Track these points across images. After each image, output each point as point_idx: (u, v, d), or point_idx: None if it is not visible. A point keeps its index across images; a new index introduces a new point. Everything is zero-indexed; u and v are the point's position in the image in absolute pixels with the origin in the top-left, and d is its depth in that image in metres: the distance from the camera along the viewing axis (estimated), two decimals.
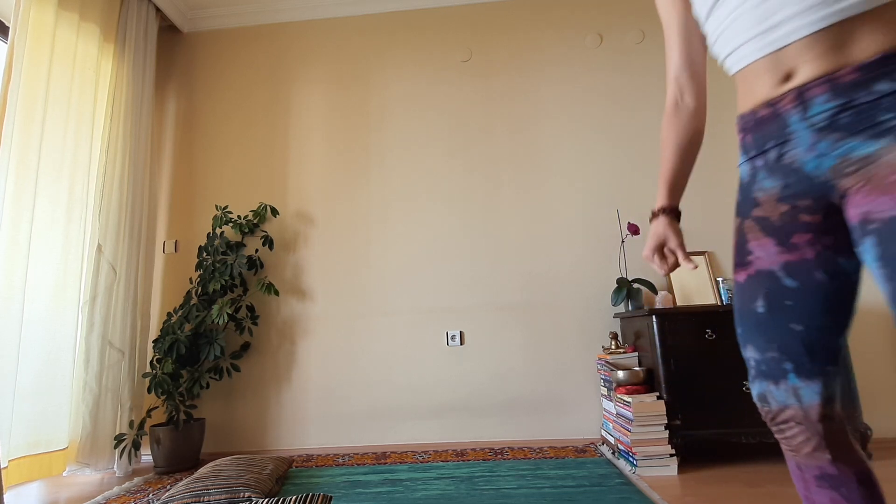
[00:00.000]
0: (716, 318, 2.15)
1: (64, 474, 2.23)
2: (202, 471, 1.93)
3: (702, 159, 2.79)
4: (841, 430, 0.80)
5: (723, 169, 2.77)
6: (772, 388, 0.83)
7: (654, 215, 1.06)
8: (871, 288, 2.40)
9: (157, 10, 2.97)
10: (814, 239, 0.80)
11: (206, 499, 1.69)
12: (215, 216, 2.77)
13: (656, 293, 2.57)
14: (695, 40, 0.98)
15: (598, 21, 3.02)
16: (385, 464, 2.28)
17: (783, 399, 0.81)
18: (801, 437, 0.81)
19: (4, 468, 1.95)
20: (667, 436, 1.98)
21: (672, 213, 1.05)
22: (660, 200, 1.06)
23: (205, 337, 2.57)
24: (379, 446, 2.62)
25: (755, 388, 0.86)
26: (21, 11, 2.12)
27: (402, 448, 2.57)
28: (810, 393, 0.79)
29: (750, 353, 0.86)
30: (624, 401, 2.09)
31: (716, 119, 2.83)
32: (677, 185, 1.06)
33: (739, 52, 0.83)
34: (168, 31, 3.19)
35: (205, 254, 2.74)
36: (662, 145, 1.04)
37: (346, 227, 2.91)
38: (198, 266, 2.72)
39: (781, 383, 0.81)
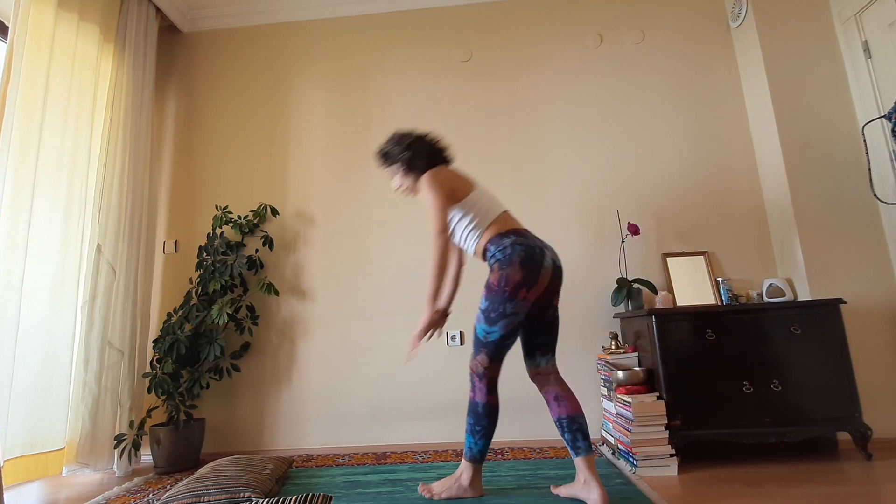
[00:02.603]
0: (716, 318, 2.15)
1: (63, 474, 2.23)
2: (202, 471, 1.93)
3: (702, 162, 2.79)
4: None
5: (722, 171, 2.77)
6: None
7: (440, 313, 1.90)
8: (871, 288, 2.40)
9: (157, 10, 2.97)
10: None
11: (206, 499, 1.69)
12: (215, 216, 2.76)
13: (656, 293, 2.57)
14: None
15: (598, 21, 3.02)
16: (385, 464, 2.28)
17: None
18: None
19: (1, 468, 1.94)
20: (667, 436, 1.98)
21: (446, 314, 1.98)
22: (441, 305, 1.91)
23: (205, 337, 2.57)
24: (379, 446, 2.62)
25: None
26: (21, 11, 2.11)
27: (402, 448, 2.57)
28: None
29: None
30: (624, 401, 2.09)
31: (717, 124, 2.83)
32: (454, 294, 2.01)
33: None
34: (168, 31, 3.19)
35: (205, 254, 2.74)
36: (443, 270, 1.72)
37: (346, 227, 2.91)
38: (198, 266, 2.72)
39: None
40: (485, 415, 1.71)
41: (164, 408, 2.46)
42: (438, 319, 1.90)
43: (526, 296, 1.66)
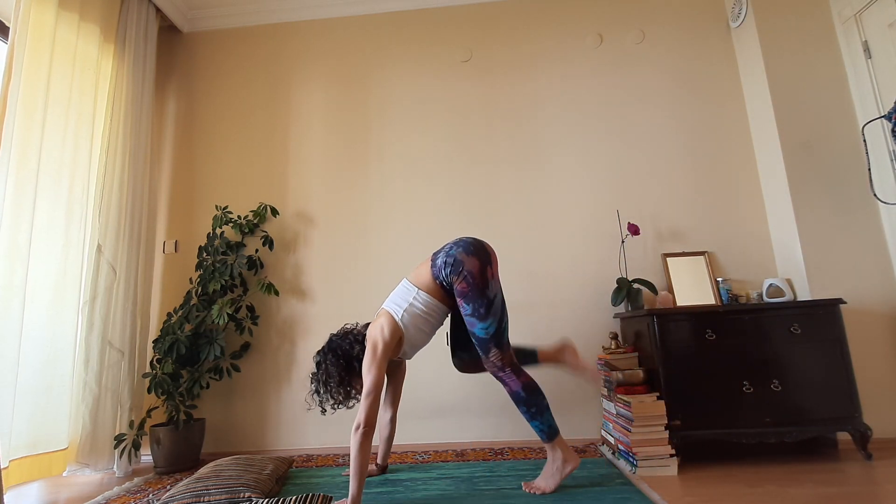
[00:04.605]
0: (716, 318, 2.15)
1: (64, 474, 2.23)
2: (202, 471, 1.93)
3: (702, 161, 2.79)
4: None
5: (722, 170, 2.77)
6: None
7: (380, 467, 2.11)
8: (871, 288, 2.40)
9: (157, 10, 2.97)
10: None
11: (206, 499, 1.69)
12: (215, 216, 2.77)
13: (656, 293, 2.57)
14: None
15: (598, 21, 3.02)
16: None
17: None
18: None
19: (5, 468, 1.95)
20: (667, 436, 1.98)
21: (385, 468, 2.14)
22: (379, 463, 2.11)
23: (205, 337, 2.57)
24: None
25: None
26: (21, 11, 2.11)
27: (402, 448, 2.57)
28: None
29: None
30: (624, 401, 2.09)
31: (717, 123, 2.83)
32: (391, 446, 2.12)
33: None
34: (168, 31, 3.19)
35: (205, 254, 2.74)
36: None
37: (346, 227, 2.91)
38: (198, 266, 2.72)
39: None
40: (528, 396, 1.78)
41: (164, 408, 2.46)
42: (377, 473, 2.10)
43: (493, 273, 1.80)
